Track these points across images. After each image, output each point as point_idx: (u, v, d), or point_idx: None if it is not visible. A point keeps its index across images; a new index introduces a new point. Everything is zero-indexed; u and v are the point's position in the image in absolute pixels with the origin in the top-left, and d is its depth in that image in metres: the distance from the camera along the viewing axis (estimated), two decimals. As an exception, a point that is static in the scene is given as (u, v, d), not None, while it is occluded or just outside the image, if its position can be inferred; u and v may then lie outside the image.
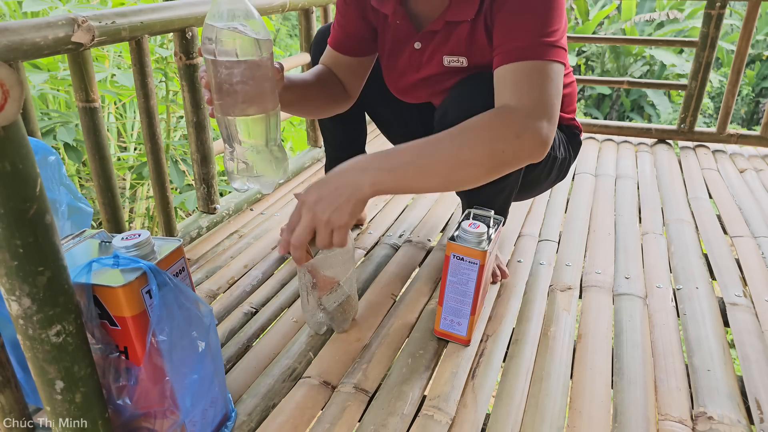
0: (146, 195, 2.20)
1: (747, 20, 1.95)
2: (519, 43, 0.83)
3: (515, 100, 0.81)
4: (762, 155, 2.03)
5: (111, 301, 0.62)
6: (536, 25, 0.82)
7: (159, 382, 0.67)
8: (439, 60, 1.00)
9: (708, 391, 0.88)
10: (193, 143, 1.38)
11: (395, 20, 1.00)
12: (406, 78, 1.06)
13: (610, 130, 2.23)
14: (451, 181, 0.81)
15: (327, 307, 0.93)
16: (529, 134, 0.79)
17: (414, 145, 0.79)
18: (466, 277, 0.92)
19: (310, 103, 1.05)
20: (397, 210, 1.55)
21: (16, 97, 0.48)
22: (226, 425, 0.80)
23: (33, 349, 0.58)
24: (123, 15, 1.08)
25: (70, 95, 2.11)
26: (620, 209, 1.55)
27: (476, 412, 0.84)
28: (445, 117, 0.98)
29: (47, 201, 0.54)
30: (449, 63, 0.99)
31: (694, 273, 1.22)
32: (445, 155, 0.78)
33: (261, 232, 1.42)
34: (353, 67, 1.10)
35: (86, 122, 1.12)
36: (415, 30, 1.00)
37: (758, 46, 6.98)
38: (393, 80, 1.10)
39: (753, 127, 6.88)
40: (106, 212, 1.20)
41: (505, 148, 0.79)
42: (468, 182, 0.82)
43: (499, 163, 0.80)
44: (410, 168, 0.78)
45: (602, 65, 6.93)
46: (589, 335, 1.02)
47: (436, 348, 0.98)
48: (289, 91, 0.94)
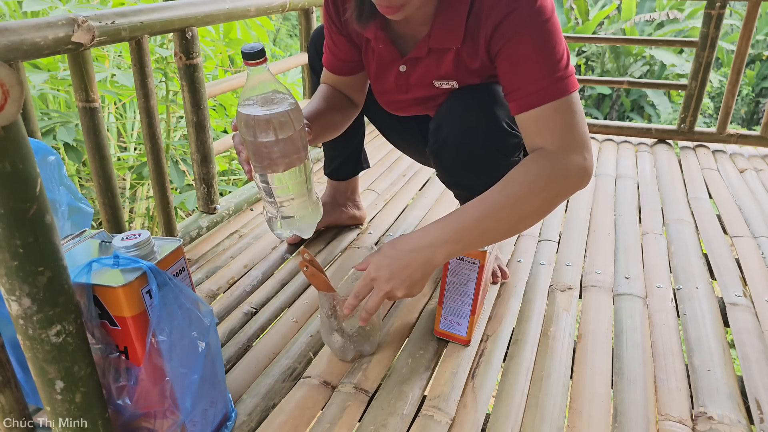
0: (146, 195, 2.20)
1: (747, 20, 1.95)
2: (534, 87, 0.82)
3: (549, 143, 0.82)
4: (762, 155, 2.03)
5: (111, 301, 0.62)
6: (546, 64, 0.82)
7: (159, 382, 0.67)
8: (429, 82, 0.99)
9: (708, 391, 0.88)
10: (193, 143, 1.38)
11: (377, 45, 0.98)
12: (395, 97, 1.06)
13: (610, 130, 2.23)
14: (512, 233, 0.86)
15: (348, 331, 0.93)
16: (574, 171, 0.82)
17: (473, 210, 0.82)
18: (466, 277, 0.92)
19: (330, 129, 1.08)
20: (397, 210, 1.55)
21: (16, 97, 0.48)
22: (226, 425, 0.80)
23: (33, 349, 0.58)
24: (123, 15, 1.08)
25: (70, 95, 2.12)
26: (620, 209, 1.55)
27: (476, 412, 0.84)
28: (439, 130, 0.99)
29: (47, 201, 0.54)
30: (440, 85, 0.99)
31: (694, 273, 1.22)
32: (506, 214, 0.81)
33: (261, 232, 1.42)
34: (353, 82, 1.10)
35: (86, 122, 1.12)
36: (399, 54, 0.98)
37: (758, 46, 6.98)
38: (383, 101, 1.10)
39: (753, 127, 6.88)
40: (106, 212, 1.20)
41: (557, 192, 0.82)
42: (527, 228, 0.87)
43: (553, 205, 0.84)
44: (475, 233, 0.82)
45: (602, 65, 6.93)
46: (589, 335, 1.02)
47: (436, 348, 0.98)
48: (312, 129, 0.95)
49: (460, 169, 1.01)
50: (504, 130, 0.95)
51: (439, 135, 0.99)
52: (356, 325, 0.91)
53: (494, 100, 0.94)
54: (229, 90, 1.57)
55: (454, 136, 0.97)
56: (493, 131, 0.95)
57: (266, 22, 2.43)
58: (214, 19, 1.34)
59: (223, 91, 1.53)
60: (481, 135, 0.95)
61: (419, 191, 1.70)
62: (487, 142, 0.96)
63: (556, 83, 0.81)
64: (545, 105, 0.82)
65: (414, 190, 1.71)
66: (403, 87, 1.02)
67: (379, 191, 1.67)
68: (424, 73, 0.98)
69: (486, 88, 0.95)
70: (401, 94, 1.04)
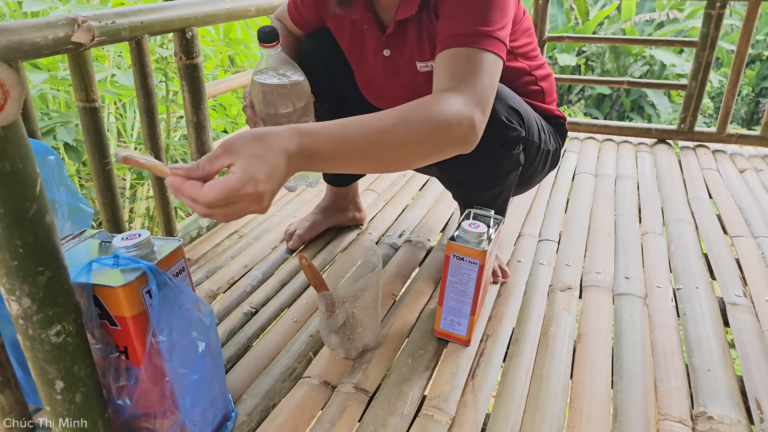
0: (146, 195, 2.20)
1: (747, 20, 1.95)
2: (456, 31, 0.84)
3: (450, 84, 0.80)
4: (762, 155, 2.03)
5: (111, 301, 0.62)
6: (474, 18, 0.84)
7: (159, 383, 0.67)
8: (413, 65, 1.02)
9: (708, 391, 0.88)
10: (193, 143, 1.38)
11: (363, 26, 1.01)
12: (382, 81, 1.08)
13: (610, 130, 2.23)
14: (380, 164, 0.76)
15: (330, 328, 0.93)
16: (464, 122, 0.77)
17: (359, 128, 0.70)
18: (466, 277, 0.92)
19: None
20: (397, 210, 1.55)
21: (16, 97, 0.48)
22: (226, 425, 0.80)
23: (33, 349, 0.58)
24: (123, 15, 1.08)
25: (70, 95, 2.11)
26: (620, 209, 1.55)
27: (476, 412, 0.84)
28: None
29: (47, 201, 0.54)
30: (422, 68, 1.01)
31: (694, 273, 1.22)
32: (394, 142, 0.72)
33: (261, 232, 1.42)
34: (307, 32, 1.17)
35: (86, 122, 1.12)
36: (381, 33, 1.01)
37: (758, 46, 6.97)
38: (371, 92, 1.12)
39: (753, 127, 6.88)
40: (106, 212, 1.20)
41: (435, 130, 0.75)
42: (398, 168, 0.80)
43: (428, 149, 0.77)
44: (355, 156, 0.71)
45: (602, 65, 6.93)
46: (589, 335, 1.02)
47: (436, 348, 0.98)
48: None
49: (461, 165, 1.01)
50: (503, 123, 0.96)
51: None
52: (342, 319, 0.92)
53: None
54: (229, 90, 1.57)
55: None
56: (491, 125, 0.95)
57: (266, 22, 2.43)
58: (214, 19, 1.34)
59: (223, 91, 1.53)
60: None
61: (419, 191, 1.70)
62: (487, 137, 0.96)
63: (477, 35, 0.83)
64: (460, 48, 0.82)
65: (414, 190, 1.71)
66: (390, 71, 1.05)
67: (379, 191, 1.67)
68: (409, 57, 1.01)
69: None
70: (388, 78, 1.06)
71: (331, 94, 1.16)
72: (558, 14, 6.28)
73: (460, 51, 0.82)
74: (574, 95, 7.06)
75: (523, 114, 1.00)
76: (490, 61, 0.83)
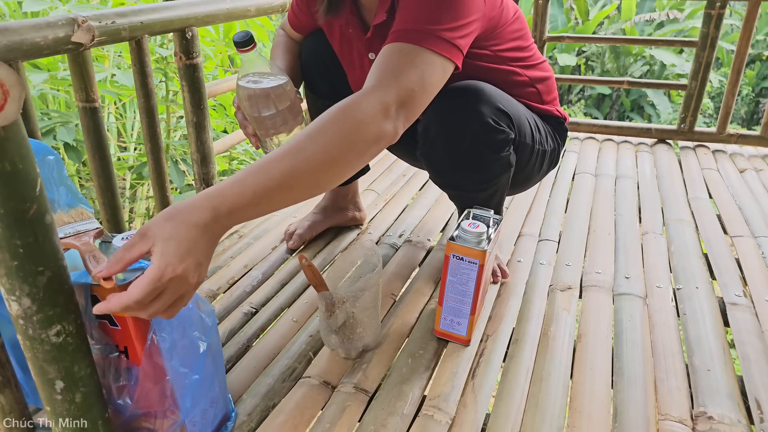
0: (146, 195, 2.20)
1: (747, 20, 1.95)
2: (401, 26, 0.80)
3: (375, 79, 0.76)
4: (762, 155, 2.03)
5: (111, 301, 0.62)
6: (423, 13, 0.79)
7: (159, 382, 0.67)
8: None
9: (708, 391, 0.88)
10: (193, 143, 1.38)
11: (348, 29, 1.01)
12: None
13: (610, 130, 2.23)
14: (314, 188, 0.73)
15: (330, 328, 0.93)
16: (378, 118, 0.73)
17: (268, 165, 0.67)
18: (466, 277, 0.92)
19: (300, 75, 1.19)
20: (397, 210, 1.55)
21: (16, 97, 0.48)
22: (226, 425, 0.80)
23: (33, 349, 0.58)
24: (123, 15, 1.08)
25: (70, 95, 2.11)
26: (620, 209, 1.55)
27: (476, 412, 0.84)
28: (427, 132, 0.99)
29: (47, 201, 0.54)
30: None
31: (694, 273, 1.22)
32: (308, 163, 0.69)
33: (261, 232, 1.42)
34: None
35: (86, 122, 1.12)
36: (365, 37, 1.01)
37: (758, 46, 6.97)
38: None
39: (753, 127, 6.88)
40: (106, 212, 1.20)
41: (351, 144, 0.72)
42: (328, 185, 0.75)
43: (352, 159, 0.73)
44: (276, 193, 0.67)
45: (602, 65, 6.93)
46: (589, 335, 1.02)
47: (436, 348, 0.98)
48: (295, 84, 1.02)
49: (451, 168, 1.01)
50: (490, 126, 0.95)
51: (427, 137, 0.99)
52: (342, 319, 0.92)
53: (478, 98, 0.94)
54: (229, 90, 1.57)
55: (442, 136, 0.97)
56: (478, 128, 0.95)
57: (266, 22, 2.43)
58: (214, 19, 1.34)
59: (223, 91, 1.53)
60: (468, 133, 0.95)
61: (419, 191, 1.70)
62: (474, 140, 0.96)
63: (420, 33, 0.78)
64: (399, 43, 0.78)
65: (414, 190, 1.71)
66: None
67: (379, 191, 1.67)
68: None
69: (470, 86, 0.96)
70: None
71: (332, 94, 1.16)
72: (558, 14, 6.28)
73: (397, 46, 0.78)
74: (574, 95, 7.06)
75: (513, 115, 0.99)
76: (427, 60, 0.78)
